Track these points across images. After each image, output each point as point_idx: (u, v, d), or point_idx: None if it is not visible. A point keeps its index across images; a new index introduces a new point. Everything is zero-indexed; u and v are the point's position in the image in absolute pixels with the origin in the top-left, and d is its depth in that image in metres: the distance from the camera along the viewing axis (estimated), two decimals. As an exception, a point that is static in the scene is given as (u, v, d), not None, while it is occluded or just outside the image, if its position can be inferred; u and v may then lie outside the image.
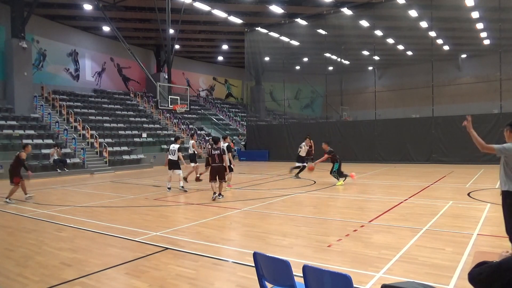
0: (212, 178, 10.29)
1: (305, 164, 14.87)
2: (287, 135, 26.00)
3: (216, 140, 10.77)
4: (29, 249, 5.87)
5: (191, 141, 14.82)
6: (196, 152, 14.68)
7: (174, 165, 12.06)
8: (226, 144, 12.09)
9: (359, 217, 7.71)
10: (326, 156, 13.04)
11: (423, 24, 24.76)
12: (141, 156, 23.59)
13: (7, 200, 10.47)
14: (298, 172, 15.00)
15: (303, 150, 15.34)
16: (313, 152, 19.41)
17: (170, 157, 12.11)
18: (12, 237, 6.73)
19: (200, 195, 11.44)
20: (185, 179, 13.21)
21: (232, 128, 35.78)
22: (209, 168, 10.80)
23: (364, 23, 25.19)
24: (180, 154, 12.06)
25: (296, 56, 33.43)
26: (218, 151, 10.32)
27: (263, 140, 27.55)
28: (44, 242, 6.33)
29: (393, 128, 21.98)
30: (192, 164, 14.30)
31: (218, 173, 10.28)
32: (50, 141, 20.67)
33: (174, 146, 12.13)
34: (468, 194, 10.07)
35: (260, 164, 22.63)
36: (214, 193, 10.24)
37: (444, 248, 5.36)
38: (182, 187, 12.01)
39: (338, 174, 12.83)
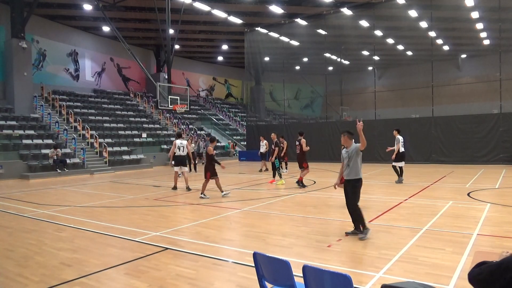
0: None
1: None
2: (287, 135, 25.95)
3: None
4: (29, 249, 5.87)
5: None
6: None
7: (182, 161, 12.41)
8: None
9: (359, 217, 7.70)
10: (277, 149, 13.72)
11: (423, 24, 24.76)
12: (141, 156, 23.58)
13: (202, 195, 10.49)
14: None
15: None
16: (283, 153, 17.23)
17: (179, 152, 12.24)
18: (12, 237, 6.73)
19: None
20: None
21: (232, 128, 35.76)
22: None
23: (364, 23, 25.19)
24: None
25: (296, 56, 33.41)
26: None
27: (263, 140, 27.49)
28: (44, 242, 6.32)
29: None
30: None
31: None
32: (50, 141, 20.66)
33: (183, 142, 12.36)
34: (468, 194, 10.07)
35: (260, 164, 22.55)
36: None
37: (444, 248, 5.36)
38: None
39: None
